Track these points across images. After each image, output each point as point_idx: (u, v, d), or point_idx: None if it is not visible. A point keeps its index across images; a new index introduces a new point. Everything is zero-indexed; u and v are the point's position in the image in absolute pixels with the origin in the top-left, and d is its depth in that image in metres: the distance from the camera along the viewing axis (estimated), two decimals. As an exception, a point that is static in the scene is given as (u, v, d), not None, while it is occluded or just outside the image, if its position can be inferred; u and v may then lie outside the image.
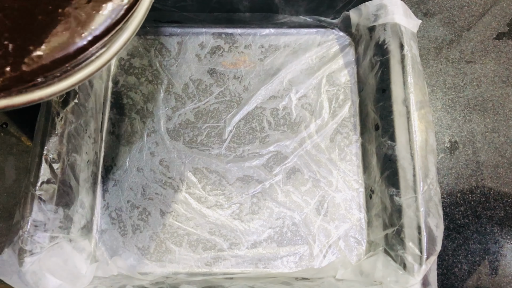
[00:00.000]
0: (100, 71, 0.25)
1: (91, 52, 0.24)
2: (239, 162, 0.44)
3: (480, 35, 0.49)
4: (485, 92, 0.47)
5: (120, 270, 0.39)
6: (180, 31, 0.49)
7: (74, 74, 0.24)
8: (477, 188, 0.44)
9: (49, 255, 0.35)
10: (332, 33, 0.48)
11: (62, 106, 0.38)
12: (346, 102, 0.46)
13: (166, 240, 0.42)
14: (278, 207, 0.43)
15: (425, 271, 0.34)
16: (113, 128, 0.45)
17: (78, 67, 0.24)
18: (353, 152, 0.44)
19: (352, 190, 0.43)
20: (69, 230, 0.37)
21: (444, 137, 0.45)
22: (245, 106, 0.46)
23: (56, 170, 0.36)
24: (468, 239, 0.42)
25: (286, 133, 0.45)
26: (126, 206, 0.43)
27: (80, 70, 0.24)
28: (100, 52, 0.24)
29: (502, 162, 0.44)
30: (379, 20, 0.42)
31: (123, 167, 0.44)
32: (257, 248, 0.41)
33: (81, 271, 0.37)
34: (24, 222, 0.33)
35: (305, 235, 0.42)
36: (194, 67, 0.47)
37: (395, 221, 0.37)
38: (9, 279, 0.32)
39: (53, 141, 0.36)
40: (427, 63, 0.48)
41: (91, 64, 0.24)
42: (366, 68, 0.44)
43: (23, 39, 0.23)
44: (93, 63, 0.24)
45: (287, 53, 0.48)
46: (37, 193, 0.34)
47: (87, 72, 0.24)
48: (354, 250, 0.41)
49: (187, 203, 0.43)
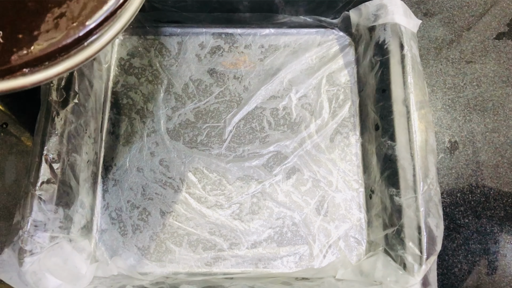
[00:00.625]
0: (90, 60, 0.24)
1: (82, 41, 0.23)
2: (239, 162, 0.44)
3: (480, 35, 0.49)
4: (485, 92, 0.47)
5: (120, 270, 0.39)
6: (180, 31, 0.49)
7: (63, 61, 0.23)
8: (477, 188, 0.44)
9: (49, 255, 0.35)
10: (332, 33, 0.48)
11: (62, 106, 0.38)
12: (346, 102, 0.46)
13: (166, 240, 0.42)
14: (278, 207, 0.43)
15: (425, 271, 0.34)
16: (113, 128, 0.45)
17: (68, 55, 0.23)
18: (353, 152, 0.44)
19: (352, 190, 0.43)
20: (69, 230, 0.37)
21: (444, 137, 0.45)
22: (245, 106, 0.46)
23: (56, 170, 0.36)
24: (468, 239, 0.42)
25: (286, 133, 0.45)
26: (126, 206, 0.43)
27: (69, 57, 0.23)
28: (91, 40, 0.23)
29: (502, 162, 0.44)
30: (379, 20, 0.42)
31: (123, 167, 0.44)
32: (257, 248, 0.41)
33: (81, 271, 0.37)
34: (24, 222, 0.33)
35: (305, 235, 0.42)
36: (194, 67, 0.47)
37: (395, 221, 0.37)
38: (9, 279, 0.32)
39: (53, 141, 0.36)
40: (427, 63, 0.48)
41: (82, 52, 0.23)
42: (366, 68, 0.44)
43: (12, 27, 0.22)
44: (84, 51, 0.23)
45: (287, 53, 0.48)
46: (37, 193, 0.34)
47: (76, 61, 0.23)
48: (354, 250, 0.41)
49: (187, 203, 0.43)
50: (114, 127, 0.45)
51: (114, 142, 0.45)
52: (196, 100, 0.46)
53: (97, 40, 0.23)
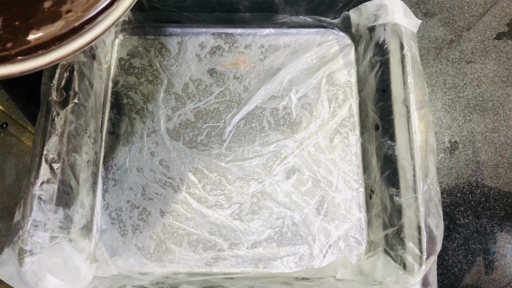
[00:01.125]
0: (83, 49, 0.23)
1: (78, 31, 0.22)
2: (239, 162, 0.44)
3: (480, 35, 0.49)
4: (485, 92, 0.47)
5: (120, 270, 0.39)
6: (180, 31, 0.48)
7: (56, 49, 0.22)
8: (477, 188, 0.44)
9: (49, 255, 0.35)
10: (332, 33, 0.48)
11: (62, 106, 0.38)
12: (346, 102, 0.46)
13: (166, 240, 0.42)
14: (278, 207, 0.43)
15: (425, 271, 0.34)
16: (113, 128, 0.45)
17: (61, 44, 0.22)
18: (353, 152, 0.44)
19: (352, 190, 0.43)
20: (69, 230, 0.37)
21: (444, 137, 0.45)
22: (245, 106, 0.46)
23: (56, 170, 0.36)
24: (468, 239, 0.42)
25: (286, 133, 0.45)
26: (126, 206, 0.43)
27: (62, 46, 0.22)
28: (85, 29, 0.23)
29: (502, 162, 0.44)
30: (379, 20, 0.42)
31: (123, 167, 0.44)
32: (257, 248, 0.41)
33: (81, 271, 0.37)
34: (24, 222, 0.33)
35: (305, 235, 0.42)
36: (194, 67, 0.47)
37: (395, 221, 0.37)
38: (9, 279, 0.32)
39: (53, 141, 0.36)
40: (427, 63, 0.48)
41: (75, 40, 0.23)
42: (366, 68, 0.44)
43: (9, 14, 0.21)
44: (78, 39, 0.23)
45: (287, 53, 0.48)
46: (37, 193, 0.34)
47: (70, 50, 0.23)
48: (354, 250, 0.41)
49: (187, 203, 0.43)
50: (114, 127, 0.45)
51: (114, 142, 0.45)
52: (196, 100, 0.46)
53: (91, 30, 0.23)
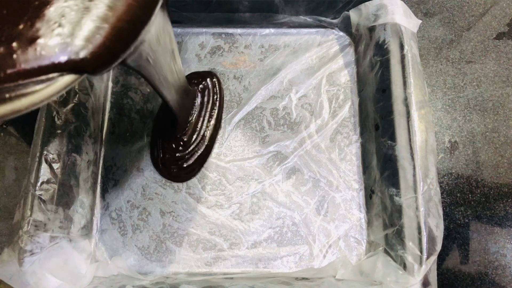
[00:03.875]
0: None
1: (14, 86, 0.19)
2: (239, 162, 0.44)
3: (480, 35, 0.49)
4: (485, 92, 0.47)
5: (120, 270, 0.39)
6: (180, 31, 0.48)
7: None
8: (477, 188, 0.44)
9: (49, 255, 0.35)
10: (332, 33, 0.48)
11: (62, 106, 0.38)
12: (346, 102, 0.46)
13: (166, 240, 0.42)
14: (278, 207, 0.43)
15: (425, 271, 0.34)
16: (113, 128, 0.45)
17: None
18: (353, 152, 0.44)
19: (352, 190, 0.43)
20: (69, 230, 0.37)
21: (444, 137, 0.45)
22: (245, 106, 0.46)
23: (56, 170, 0.36)
24: (468, 239, 0.42)
25: (286, 133, 0.45)
26: (126, 206, 0.43)
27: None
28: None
29: (502, 162, 0.44)
30: (379, 20, 0.42)
31: (123, 167, 0.44)
32: (257, 248, 0.41)
33: (81, 271, 0.37)
34: (24, 222, 0.33)
35: (305, 235, 0.42)
36: (194, 67, 0.47)
37: (395, 221, 0.37)
38: (9, 279, 0.32)
39: (53, 141, 0.36)
40: (427, 63, 0.48)
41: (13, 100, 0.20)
42: (366, 68, 0.44)
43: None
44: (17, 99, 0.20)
45: (287, 53, 0.48)
46: (37, 193, 0.34)
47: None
48: (354, 250, 0.41)
49: (187, 203, 0.43)
50: (114, 127, 0.45)
51: (114, 142, 0.45)
52: (196, 100, 0.46)
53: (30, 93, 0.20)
